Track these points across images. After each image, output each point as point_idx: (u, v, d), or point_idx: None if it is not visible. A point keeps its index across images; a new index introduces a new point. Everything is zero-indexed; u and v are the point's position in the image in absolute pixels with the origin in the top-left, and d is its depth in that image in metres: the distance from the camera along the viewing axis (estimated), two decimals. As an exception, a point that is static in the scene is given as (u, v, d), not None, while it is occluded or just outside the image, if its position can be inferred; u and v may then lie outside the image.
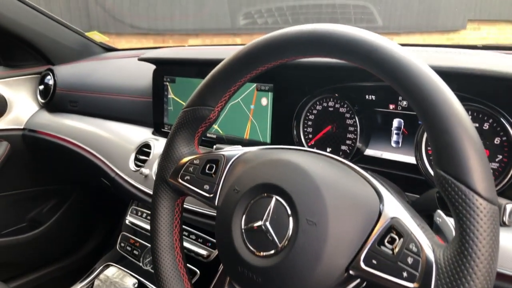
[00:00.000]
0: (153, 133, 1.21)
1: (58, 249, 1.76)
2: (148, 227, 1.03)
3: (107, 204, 1.79)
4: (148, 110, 1.23)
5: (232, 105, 1.00)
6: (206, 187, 0.62)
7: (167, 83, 1.14)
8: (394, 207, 0.48)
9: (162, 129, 1.17)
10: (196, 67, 1.07)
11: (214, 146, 0.73)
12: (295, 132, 0.88)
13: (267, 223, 0.52)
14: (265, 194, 0.53)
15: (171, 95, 1.14)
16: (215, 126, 1.04)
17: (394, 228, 0.45)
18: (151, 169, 1.07)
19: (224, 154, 0.64)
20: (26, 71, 1.61)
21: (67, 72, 1.56)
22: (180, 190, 0.65)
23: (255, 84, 0.94)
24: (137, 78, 1.32)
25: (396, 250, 0.44)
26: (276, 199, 0.52)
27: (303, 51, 0.54)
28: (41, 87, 1.58)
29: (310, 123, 0.87)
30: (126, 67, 1.43)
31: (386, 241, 0.46)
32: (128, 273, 0.99)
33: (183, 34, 5.66)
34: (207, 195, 0.62)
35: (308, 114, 0.87)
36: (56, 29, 1.60)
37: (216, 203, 0.61)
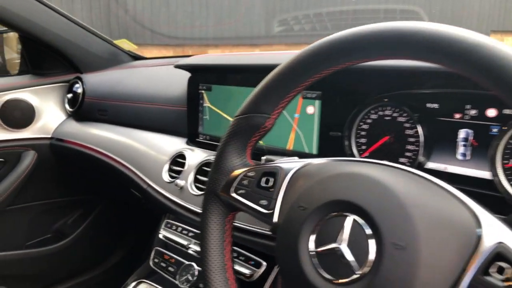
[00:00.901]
0: (187, 143, 1.16)
1: (83, 262, 1.71)
2: (184, 242, 0.97)
3: (134, 216, 1.74)
4: (181, 120, 1.19)
5: (274, 114, 0.94)
6: (263, 202, 0.56)
7: (203, 91, 1.10)
8: (497, 231, 0.41)
9: (197, 139, 1.12)
10: (235, 75, 1.02)
11: (263, 158, 0.67)
12: (346, 143, 0.81)
13: (343, 246, 0.46)
14: (338, 213, 0.47)
15: (206, 104, 1.09)
16: (255, 136, 0.99)
17: (502, 256, 0.39)
18: (187, 181, 1.02)
19: (281, 166, 0.58)
20: (54, 79, 1.59)
21: (95, 80, 1.53)
22: (232, 205, 0.60)
23: (300, 92, 0.89)
24: (169, 87, 1.28)
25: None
26: (353, 219, 0.46)
27: (382, 51, 0.48)
28: (70, 95, 1.55)
29: (363, 133, 0.80)
30: (157, 75, 1.39)
31: (492, 270, 0.39)
32: (163, 291, 0.94)
33: (202, 45, 5.67)
34: (264, 211, 0.56)
35: (361, 123, 0.80)
36: (86, 37, 1.58)
37: (274, 220, 0.55)
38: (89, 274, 1.71)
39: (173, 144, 1.18)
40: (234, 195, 0.59)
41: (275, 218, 0.55)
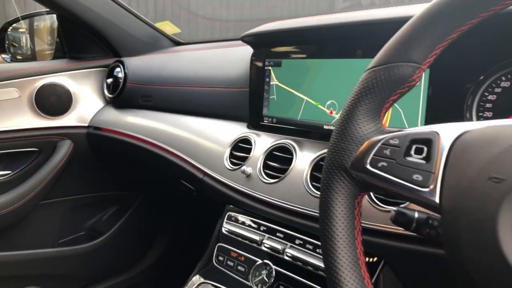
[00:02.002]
0: (249, 127, 1.03)
1: (119, 262, 1.59)
2: (256, 237, 0.84)
3: (174, 213, 1.61)
4: (240, 102, 1.06)
5: (363, 88, 0.80)
6: (417, 177, 0.43)
7: (270, 68, 0.97)
8: None
9: (261, 123, 0.99)
10: (314, 44, 0.88)
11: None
12: (467, 115, 0.67)
13: None
14: None
15: (274, 82, 0.96)
16: (338, 116, 0.85)
17: None
18: (255, 168, 0.89)
19: (437, 130, 0.44)
20: (92, 64, 1.48)
21: (138, 64, 1.42)
22: (367, 182, 0.46)
23: (401, 60, 0.75)
24: (224, 67, 1.15)
25: None
26: None
27: None
28: (110, 80, 1.44)
29: (488, 105, 0.66)
30: (208, 57, 1.27)
31: None
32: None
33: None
34: (419, 188, 0.42)
35: (487, 94, 0.66)
36: (127, 19, 1.47)
37: (436, 200, 0.41)
38: (125, 275, 1.58)
39: (232, 129, 1.05)
40: (372, 169, 0.45)
41: (436, 198, 0.41)
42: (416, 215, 0.51)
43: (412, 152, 0.44)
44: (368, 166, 0.46)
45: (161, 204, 1.61)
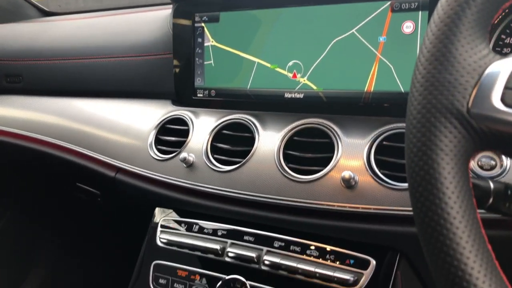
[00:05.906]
0: (175, 105, 0.78)
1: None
2: (213, 245, 0.61)
3: (62, 221, 1.23)
4: (159, 74, 0.81)
5: (338, 41, 0.64)
6: None
7: (203, 24, 0.74)
8: None
9: (194, 97, 0.76)
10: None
11: None
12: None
13: None
14: None
15: (210, 42, 0.74)
16: (304, 79, 0.67)
17: None
18: (199, 154, 0.66)
19: None
20: None
21: (-5, 34, 1.04)
22: (495, 132, 0.29)
23: (388, 2, 0.60)
24: (132, 33, 0.88)
25: None
26: None
27: None
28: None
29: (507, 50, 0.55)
30: (106, 23, 0.97)
31: None
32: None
33: None
34: None
35: (504, 36, 0.55)
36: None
37: None
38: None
39: (152, 109, 0.80)
40: (507, 109, 0.28)
41: None
42: (492, 185, 0.37)
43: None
44: (499, 105, 0.28)
45: (42, 218, 1.21)
